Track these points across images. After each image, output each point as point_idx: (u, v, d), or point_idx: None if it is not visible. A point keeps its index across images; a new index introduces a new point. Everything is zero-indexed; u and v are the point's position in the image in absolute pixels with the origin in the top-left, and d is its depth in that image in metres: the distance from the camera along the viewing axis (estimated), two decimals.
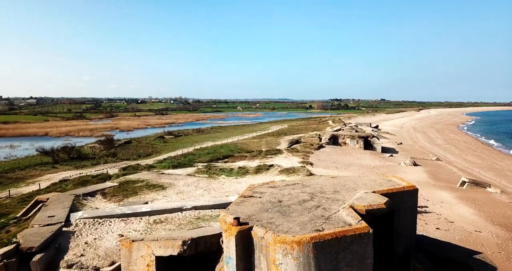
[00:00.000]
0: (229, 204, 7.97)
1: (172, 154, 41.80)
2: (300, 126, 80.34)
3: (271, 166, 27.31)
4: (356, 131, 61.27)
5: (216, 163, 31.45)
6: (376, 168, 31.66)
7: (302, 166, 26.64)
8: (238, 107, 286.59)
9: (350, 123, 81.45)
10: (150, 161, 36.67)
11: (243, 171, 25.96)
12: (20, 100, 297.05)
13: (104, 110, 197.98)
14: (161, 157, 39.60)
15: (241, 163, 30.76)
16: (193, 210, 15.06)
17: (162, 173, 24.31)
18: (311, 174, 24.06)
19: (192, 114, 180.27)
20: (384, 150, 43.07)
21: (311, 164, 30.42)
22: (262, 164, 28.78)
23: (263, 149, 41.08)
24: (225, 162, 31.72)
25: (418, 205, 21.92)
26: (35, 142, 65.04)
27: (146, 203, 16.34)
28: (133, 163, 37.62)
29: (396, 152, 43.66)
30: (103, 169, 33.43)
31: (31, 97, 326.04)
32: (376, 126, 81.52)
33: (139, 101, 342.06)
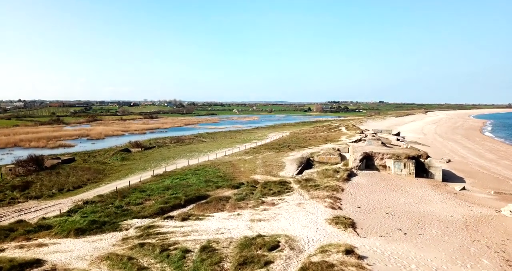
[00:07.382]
0: None
1: (113, 185, 26.43)
2: (305, 134, 64.57)
3: (276, 246, 12.20)
4: (383, 143, 46.38)
5: (166, 222, 16.25)
6: (471, 227, 16.60)
7: (346, 252, 11.48)
8: (234, 110, 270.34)
9: (367, 130, 66.10)
10: (63, 203, 21.51)
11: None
12: (8, 103, 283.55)
13: (89, 114, 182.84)
14: (90, 193, 24.31)
15: (213, 223, 15.62)
16: None
17: None
18: None
19: (183, 118, 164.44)
20: (444, 176, 28.02)
21: (353, 226, 15.33)
22: (254, 234, 13.68)
23: (258, 178, 25.92)
24: (185, 219, 16.49)
25: None
26: None
27: None
28: (39, 204, 22.44)
29: (462, 180, 28.67)
30: None
31: (19, 100, 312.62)
32: (398, 134, 66.62)
33: (132, 104, 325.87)
